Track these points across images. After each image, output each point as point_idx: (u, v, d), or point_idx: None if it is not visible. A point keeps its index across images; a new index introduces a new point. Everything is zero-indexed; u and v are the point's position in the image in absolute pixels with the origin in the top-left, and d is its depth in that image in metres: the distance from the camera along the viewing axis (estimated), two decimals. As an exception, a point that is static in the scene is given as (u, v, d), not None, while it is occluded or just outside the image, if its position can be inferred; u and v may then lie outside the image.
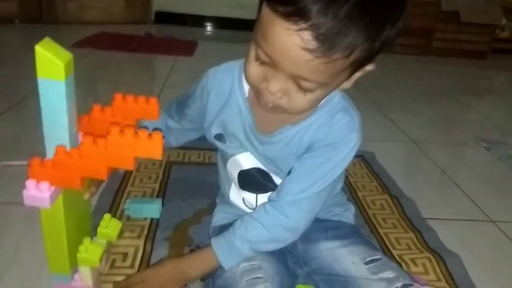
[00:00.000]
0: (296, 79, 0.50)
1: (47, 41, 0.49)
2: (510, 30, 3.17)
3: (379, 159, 1.26)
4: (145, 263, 0.76)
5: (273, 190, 0.70)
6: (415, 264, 0.83)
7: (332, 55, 0.46)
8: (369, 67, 0.55)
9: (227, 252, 0.65)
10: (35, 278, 0.72)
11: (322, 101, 0.60)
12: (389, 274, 0.63)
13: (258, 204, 0.73)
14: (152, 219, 0.88)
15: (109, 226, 0.69)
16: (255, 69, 0.53)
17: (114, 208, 0.91)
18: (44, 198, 0.54)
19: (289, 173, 0.66)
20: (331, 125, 0.62)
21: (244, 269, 0.63)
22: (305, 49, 0.46)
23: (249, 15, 2.91)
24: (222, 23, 3.14)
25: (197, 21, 3.20)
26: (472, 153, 1.45)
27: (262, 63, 0.52)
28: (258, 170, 0.70)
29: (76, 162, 0.53)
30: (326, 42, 0.45)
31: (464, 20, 2.83)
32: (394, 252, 0.86)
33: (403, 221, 0.97)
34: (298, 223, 0.65)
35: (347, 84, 0.57)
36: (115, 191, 0.97)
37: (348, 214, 0.78)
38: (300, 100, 0.53)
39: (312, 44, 0.45)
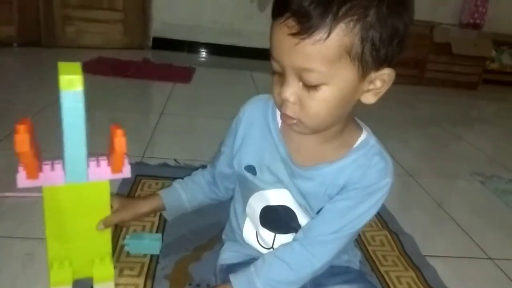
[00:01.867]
0: (300, 76, 0.54)
1: (62, 63, 0.60)
2: (500, 62, 3.25)
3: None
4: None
5: (295, 231, 0.70)
6: (417, 305, 0.83)
7: (313, 34, 0.50)
8: (387, 71, 0.56)
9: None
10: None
11: (358, 141, 0.63)
12: None
13: (275, 244, 0.72)
14: (152, 255, 0.87)
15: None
16: (274, 85, 0.59)
17: (113, 243, 0.90)
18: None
19: (317, 212, 0.66)
20: (368, 167, 0.63)
21: None
22: (290, 34, 0.51)
23: (245, 42, 2.98)
24: (218, 49, 3.18)
25: (194, 47, 3.24)
26: (467, 187, 1.47)
27: (278, 75, 0.57)
28: (285, 208, 0.69)
29: None
30: (305, 23, 0.50)
31: (456, 52, 2.90)
32: (396, 292, 0.86)
33: (403, 259, 0.97)
34: (323, 264, 0.66)
35: (372, 98, 0.59)
36: (114, 225, 0.96)
37: (355, 260, 0.78)
38: (312, 102, 0.55)
39: (295, 28, 0.51)
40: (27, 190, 1.05)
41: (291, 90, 0.55)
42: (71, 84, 0.57)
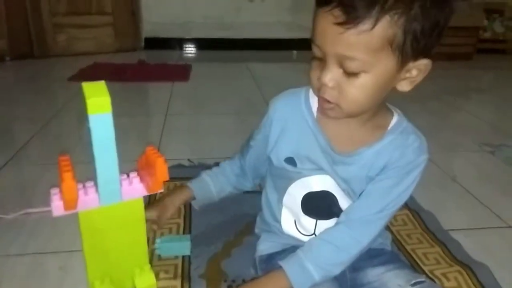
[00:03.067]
0: (342, 62, 0.56)
1: (87, 84, 0.58)
2: (492, 31, 3.26)
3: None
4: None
5: (336, 215, 0.72)
6: (448, 279, 0.84)
7: (358, 25, 0.52)
8: (424, 61, 0.58)
9: (300, 275, 0.66)
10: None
11: (392, 123, 0.66)
12: None
13: (316, 230, 0.74)
14: (183, 256, 0.89)
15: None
16: (313, 70, 0.60)
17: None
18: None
19: (360, 194, 0.68)
20: (406, 147, 0.66)
21: None
22: (336, 23, 0.53)
23: (237, 34, 2.97)
24: (211, 44, 3.17)
25: (187, 44, 3.23)
26: (478, 158, 1.49)
27: (318, 60, 0.59)
28: (326, 193, 0.71)
29: None
30: (352, 13, 0.51)
31: (449, 24, 2.90)
32: (425, 268, 0.87)
33: (427, 235, 0.99)
34: (367, 243, 0.68)
35: (407, 86, 0.61)
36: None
37: (387, 242, 0.81)
38: (351, 89, 0.57)
39: (342, 17, 0.52)
40: (47, 204, 1.07)
41: (331, 76, 0.57)
42: (100, 108, 0.56)
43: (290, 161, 0.71)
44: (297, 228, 0.75)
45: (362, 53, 0.54)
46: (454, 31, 2.96)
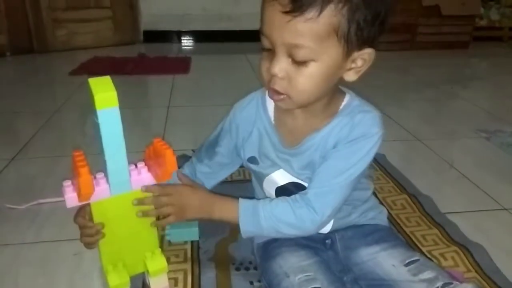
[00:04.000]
0: (290, 52, 0.58)
1: (93, 80, 0.59)
2: (488, 18, 3.28)
3: (390, 159, 1.32)
4: (196, 286, 0.80)
5: None
6: (445, 258, 0.88)
7: (305, 12, 0.54)
8: (368, 50, 0.61)
9: (249, 217, 0.70)
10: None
11: (342, 105, 0.69)
12: (429, 274, 0.68)
13: None
14: (192, 241, 0.92)
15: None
16: (263, 61, 0.63)
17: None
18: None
19: None
20: (353, 124, 0.68)
21: (301, 280, 0.67)
22: (283, 12, 0.55)
23: (236, 26, 2.98)
24: (210, 36, 3.19)
25: (186, 36, 3.24)
26: (474, 144, 1.52)
27: (267, 51, 0.61)
28: (293, 184, 0.75)
29: None
30: (298, 1, 0.54)
31: (445, 13, 2.93)
32: (424, 249, 0.91)
33: (425, 218, 1.03)
34: (322, 216, 0.68)
35: (353, 76, 0.64)
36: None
37: (382, 217, 0.83)
38: (300, 78, 0.60)
39: (289, 6, 0.55)
40: (59, 195, 1.11)
41: (280, 66, 0.59)
42: (107, 102, 0.58)
43: (253, 160, 0.76)
44: None
45: (309, 41, 0.56)
46: (451, 20, 2.98)
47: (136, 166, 0.68)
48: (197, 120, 1.71)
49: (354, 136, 0.68)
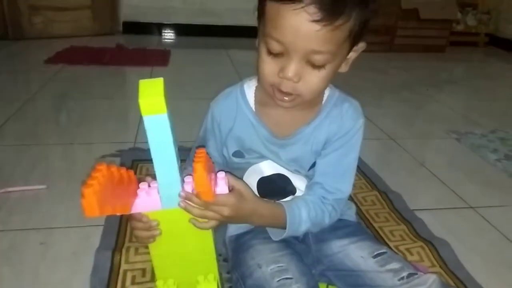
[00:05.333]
0: (309, 57, 0.57)
1: (144, 81, 0.52)
2: (465, 24, 3.36)
3: (363, 157, 1.34)
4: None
5: (291, 194, 0.76)
6: (411, 253, 0.91)
7: (335, 21, 0.54)
8: (362, 45, 0.63)
9: (293, 223, 0.69)
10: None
11: (325, 97, 0.71)
12: (395, 265, 0.70)
13: None
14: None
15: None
16: (269, 64, 0.60)
17: (123, 227, 0.94)
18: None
19: (309, 169, 0.74)
20: (341, 117, 0.71)
21: (273, 270, 0.67)
22: (313, 21, 0.54)
23: (217, 21, 2.94)
24: (191, 30, 3.16)
25: (166, 29, 3.21)
26: (445, 145, 1.56)
27: (275, 55, 0.59)
28: (278, 175, 0.75)
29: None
30: (329, 11, 0.53)
31: (423, 17, 2.98)
32: (391, 244, 0.94)
33: (394, 214, 1.05)
34: (339, 215, 0.76)
35: (345, 67, 0.65)
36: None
37: (351, 213, 0.84)
38: (314, 79, 0.60)
39: (318, 15, 0.53)
40: (28, 183, 1.08)
41: (296, 70, 0.58)
42: (153, 108, 0.50)
43: (238, 154, 0.76)
44: None
45: (333, 47, 0.57)
46: (429, 24, 3.04)
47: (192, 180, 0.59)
48: (174, 112, 1.69)
49: (345, 131, 0.71)
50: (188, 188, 0.58)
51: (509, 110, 2.06)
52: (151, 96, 0.49)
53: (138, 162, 1.23)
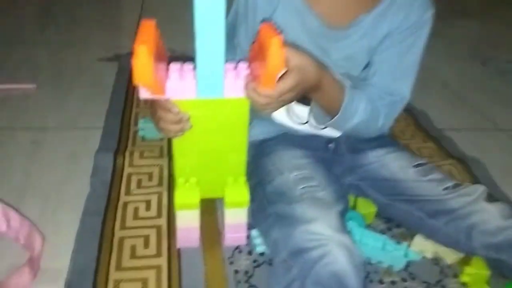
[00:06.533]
0: None
1: None
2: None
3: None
4: (173, 182, 0.72)
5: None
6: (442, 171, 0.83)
7: None
8: None
9: (349, 109, 0.57)
10: (54, 206, 0.67)
11: None
12: (438, 175, 0.63)
13: (309, 118, 0.66)
14: (168, 139, 0.82)
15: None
16: None
17: (124, 130, 0.85)
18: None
19: (365, 67, 0.62)
20: (410, 5, 0.58)
21: (297, 177, 0.59)
22: None
23: None
24: None
25: None
26: (470, 68, 1.45)
27: None
28: None
29: None
30: None
31: None
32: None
33: (420, 132, 0.97)
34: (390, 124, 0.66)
35: None
36: (121, 111, 0.90)
37: None
38: None
39: None
40: (14, 82, 0.97)
41: None
42: None
43: None
44: (289, 116, 0.68)
45: None
46: None
47: (236, 67, 0.50)
48: (175, 10, 1.53)
49: (412, 22, 0.59)
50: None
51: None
52: None
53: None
